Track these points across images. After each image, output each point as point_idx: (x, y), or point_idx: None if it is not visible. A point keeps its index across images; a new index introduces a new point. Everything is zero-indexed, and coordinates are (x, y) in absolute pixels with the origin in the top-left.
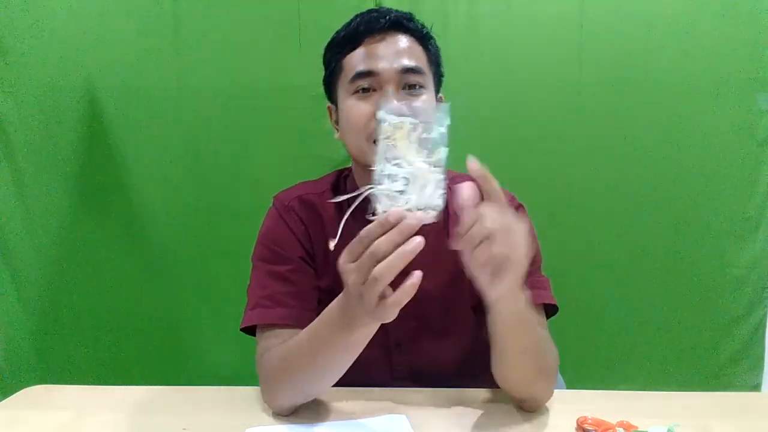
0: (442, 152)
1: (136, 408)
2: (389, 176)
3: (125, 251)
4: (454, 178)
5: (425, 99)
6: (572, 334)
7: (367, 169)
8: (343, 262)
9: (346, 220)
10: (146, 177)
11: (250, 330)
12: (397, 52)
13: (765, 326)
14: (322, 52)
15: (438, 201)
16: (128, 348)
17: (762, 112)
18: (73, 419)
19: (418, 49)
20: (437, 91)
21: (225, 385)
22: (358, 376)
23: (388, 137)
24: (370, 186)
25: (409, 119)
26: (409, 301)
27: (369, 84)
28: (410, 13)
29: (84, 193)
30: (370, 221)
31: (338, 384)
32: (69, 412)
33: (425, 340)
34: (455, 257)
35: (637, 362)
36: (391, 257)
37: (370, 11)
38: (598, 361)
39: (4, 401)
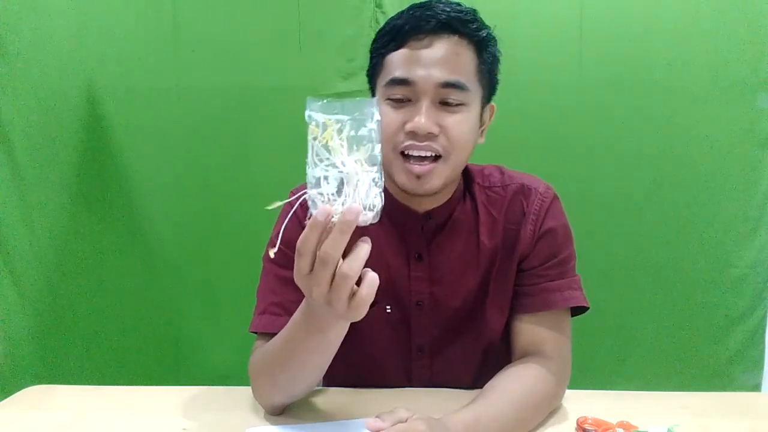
0: (375, 149)
1: (136, 408)
2: (322, 178)
3: (125, 251)
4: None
5: (459, 119)
6: (572, 334)
7: (389, 178)
8: (297, 277)
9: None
10: (146, 177)
11: None
12: (439, 61)
13: (765, 326)
14: (323, 52)
15: (375, 200)
16: (128, 348)
17: (762, 112)
18: (73, 419)
19: (468, 58)
20: (488, 101)
21: (225, 385)
22: (375, 378)
23: (315, 137)
24: (305, 191)
25: (336, 117)
26: (435, 308)
27: (403, 94)
28: (472, 11)
29: (84, 193)
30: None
31: (353, 384)
32: (69, 412)
33: (449, 345)
34: (483, 261)
35: (637, 362)
36: (349, 260)
37: (423, 5)
38: (598, 361)
39: (4, 401)
